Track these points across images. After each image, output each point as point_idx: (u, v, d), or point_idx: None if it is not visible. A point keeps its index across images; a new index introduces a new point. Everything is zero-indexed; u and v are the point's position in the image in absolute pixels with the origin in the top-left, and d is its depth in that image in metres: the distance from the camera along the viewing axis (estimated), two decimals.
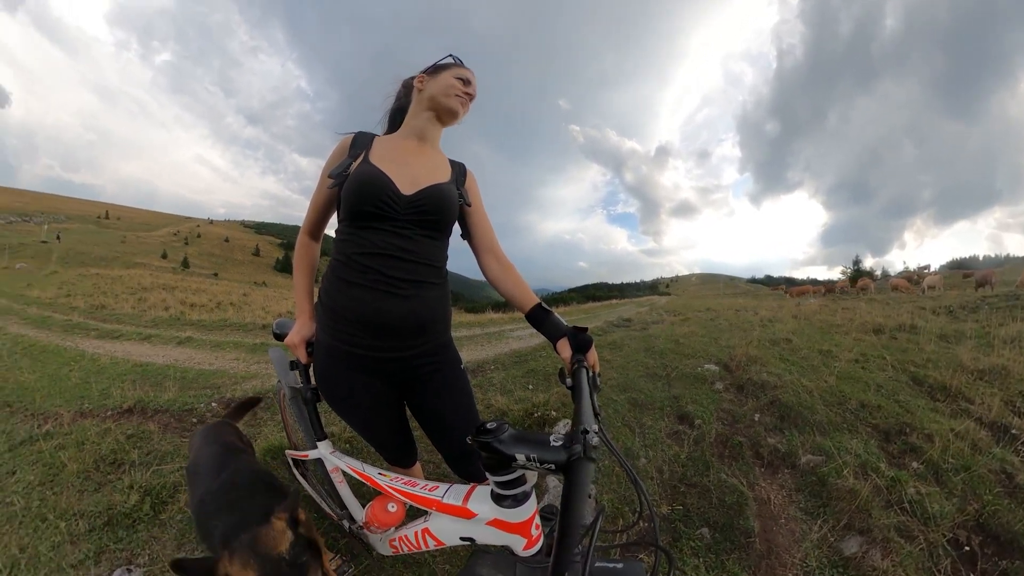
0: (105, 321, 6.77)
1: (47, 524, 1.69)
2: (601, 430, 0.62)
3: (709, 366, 3.84)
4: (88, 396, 3.18)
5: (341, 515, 1.31)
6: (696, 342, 5.08)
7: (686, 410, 2.79)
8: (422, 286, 0.99)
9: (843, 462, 2.05)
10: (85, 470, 2.05)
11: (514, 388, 3.24)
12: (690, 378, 3.53)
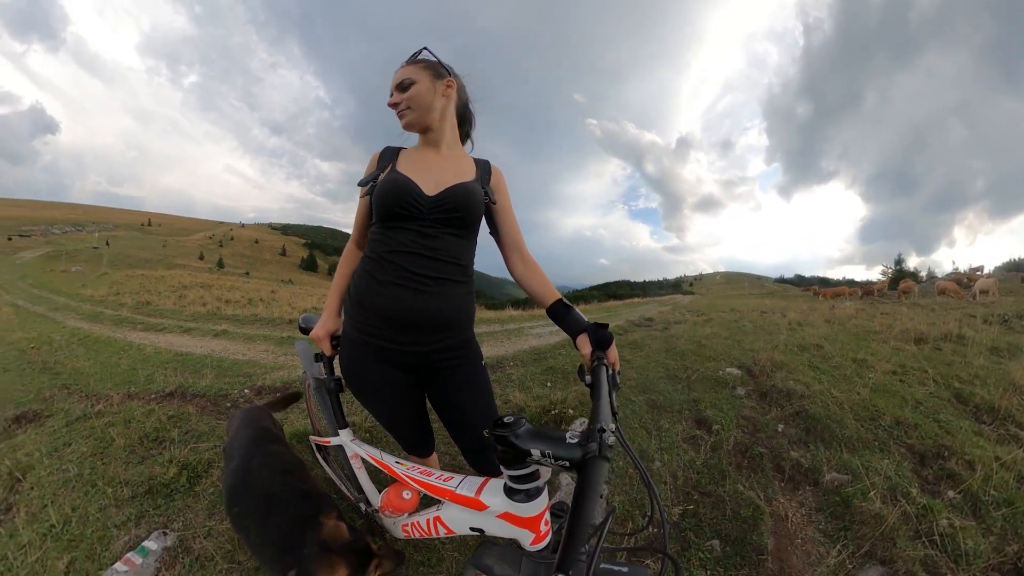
0: (150, 316, 7.27)
1: (96, 489, 1.87)
2: (618, 429, 0.61)
3: (731, 370, 3.67)
4: (135, 381, 3.42)
5: (358, 498, 1.37)
6: (718, 344, 4.88)
7: (705, 415, 2.69)
8: (447, 283, 1.01)
9: (871, 483, 1.90)
10: (131, 445, 2.23)
11: (532, 385, 3.23)
12: (711, 381, 3.39)
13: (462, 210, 1.01)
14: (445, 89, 1.11)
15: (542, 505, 0.76)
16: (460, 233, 1.03)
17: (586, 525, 0.46)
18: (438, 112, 1.10)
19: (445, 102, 1.11)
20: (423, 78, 1.07)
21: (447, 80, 1.11)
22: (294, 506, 0.98)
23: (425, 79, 1.07)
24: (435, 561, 1.48)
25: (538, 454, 0.62)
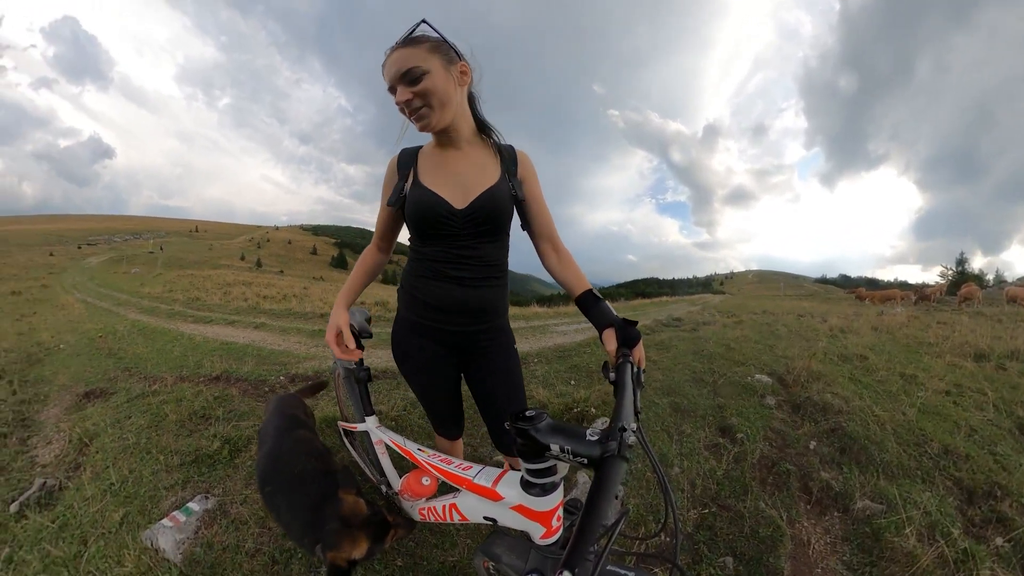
0: (199, 310, 7.87)
1: (150, 456, 2.07)
2: (640, 430, 0.60)
3: (761, 377, 3.44)
4: (186, 365, 3.72)
5: (380, 481, 1.43)
6: (748, 348, 4.62)
7: (730, 423, 2.55)
8: (486, 281, 1.07)
9: (907, 517, 1.71)
10: (181, 420, 2.45)
11: (556, 382, 3.21)
12: (738, 388, 3.20)
13: (491, 221, 1.01)
14: (460, 76, 0.95)
15: (556, 500, 0.76)
16: (493, 239, 1.05)
17: (597, 525, 0.46)
18: (457, 106, 0.96)
19: (461, 92, 0.97)
20: (435, 64, 0.89)
21: (460, 65, 0.94)
22: (318, 486, 1.05)
23: (437, 66, 0.89)
24: (448, 545, 1.53)
25: (557, 449, 0.61)
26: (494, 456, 2.11)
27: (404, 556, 1.48)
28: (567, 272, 1.06)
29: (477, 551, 0.88)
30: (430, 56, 0.89)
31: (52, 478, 1.95)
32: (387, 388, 2.96)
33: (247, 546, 1.50)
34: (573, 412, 2.61)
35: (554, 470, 0.73)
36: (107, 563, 1.44)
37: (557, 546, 0.78)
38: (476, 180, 1.01)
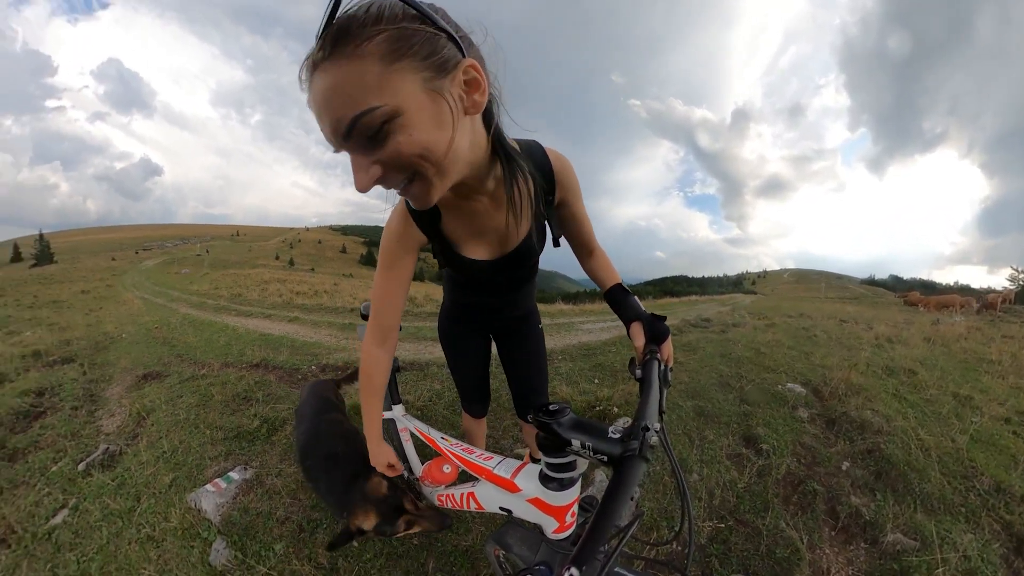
0: (240, 304, 8.50)
1: (198, 430, 2.28)
2: (663, 430, 0.58)
3: (794, 386, 3.15)
4: (230, 353, 4.01)
5: (402, 466, 1.52)
6: (781, 354, 4.31)
7: (756, 432, 2.39)
8: (519, 290, 1.15)
9: (942, 559, 1.54)
10: (225, 400, 2.66)
11: (579, 380, 3.17)
12: (767, 395, 2.98)
13: (523, 267, 0.99)
14: (465, 93, 0.53)
15: (572, 496, 0.76)
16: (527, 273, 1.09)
17: (611, 524, 0.44)
18: (468, 147, 0.58)
19: (472, 122, 0.58)
20: (408, 89, 0.47)
21: (464, 66, 0.51)
22: (351, 464, 1.16)
23: (413, 90, 0.47)
24: (463, 531, 1.59)
25: (578, 445, 0.60)
26: (515, 449, 2.15)
27: (420, 536, 1.55)
28: (599, 269, 1.02)
29: (489, 539, 0.89)
30: (390, 71, 0.45)
31: (114, 444, 2.19)
32: (414, 379, 3.07)
33: (278, 513, 1.63)
34: (595, 410, 2.60)
35: (573, 466, 0.72)
36: (156, 518, 1.62)
37: (568, 542, 0.78)
38: (512, 229, 0.86)
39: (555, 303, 10.43)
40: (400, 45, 0.46)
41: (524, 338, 1.30)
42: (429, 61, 0.48)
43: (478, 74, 0.52)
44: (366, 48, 0.44)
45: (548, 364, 1.42)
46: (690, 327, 6.36)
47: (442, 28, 0.49)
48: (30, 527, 1.66)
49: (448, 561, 1.46)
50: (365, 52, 0.44)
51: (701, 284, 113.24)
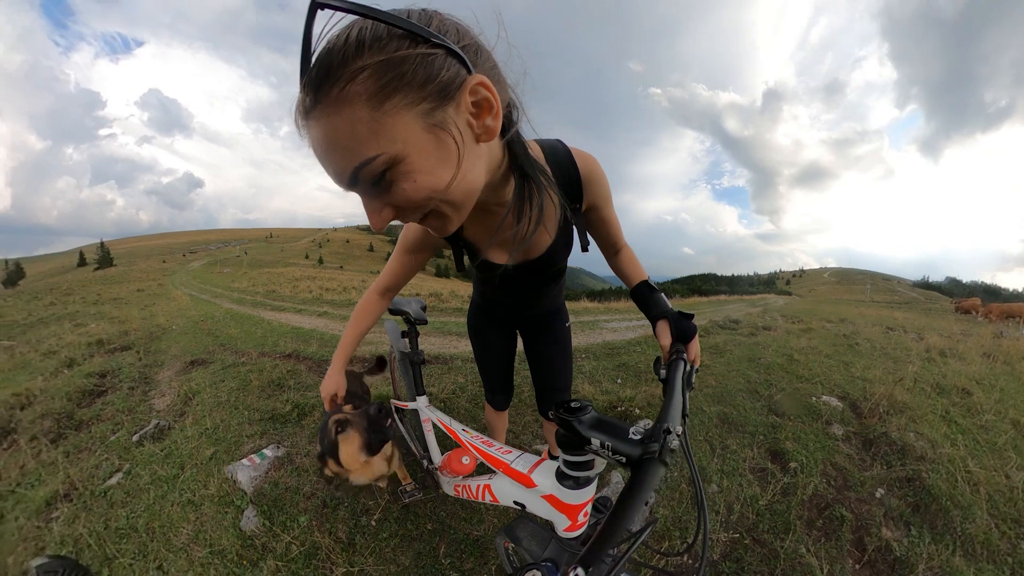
0: (275, 300, 9.04)
1: (237, 411, 2.46)
2: (685, 435, 0.56)
3: (829, 399, 2.91)
4: (265, 344, 4.27)
5: (423, 455, 1.50)
6: (816, 363, 3.99)
7: (783, 447, 2.24)
8: (546, 290, 1.15)
9: None
10: (262, 386, 2.85)
11: (602, 379, 3.13)
12: (799, 407, 2.78)
13: (545, 271, 0.97)
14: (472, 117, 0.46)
15: (587, 495, 0.75)
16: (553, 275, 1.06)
17: (623, 528, 0.43)
18: (483, 173, 0.54)
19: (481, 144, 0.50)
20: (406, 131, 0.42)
21: (472, 85, 0.44)
22: None
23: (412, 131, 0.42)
24: (476, 521, 1.62)
25: (597, 444, 0.58)
26: (534, 445, 2.17)
27: (434, 522, 1.60)
28: (626, 266, 0.98)
29: (500, 531, 0.89)
30: (383, 114, 0.41)
31: (164, 420, 2.41)
32: (439, 372, 3.15)
33: (305, 489, 1.74)
34: (617, 411, 2.57)
35: (591, 465, 0.70)
36: (197, 485, 1.78)
37: (578, 541, 0.77)
38: (536, 237, 0.85)
39: (580, 300, 10.31)
40: (389, 80, 0.39)
41: (550, 335, 1.30)
42: (427, 90, 0.41)
43: (489, 92, 0.44)
44: (351, 91, 0.39)
45: (572, 362, 1.40)
46: (718, 328, 6.13)
47: (439, 42, 0.41)
48: (90, 486, 1.87)
49: (459, 548, 1.50)
50: (351, 95, 0.39)
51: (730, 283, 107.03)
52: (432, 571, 1.41)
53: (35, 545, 1.59)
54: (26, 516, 1.74)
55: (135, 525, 1.61)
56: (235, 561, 1.42)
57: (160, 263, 43.40)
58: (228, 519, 1.58)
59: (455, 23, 0.45)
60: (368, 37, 0.39)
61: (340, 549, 1.46)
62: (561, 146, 0.78)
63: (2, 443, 2.37)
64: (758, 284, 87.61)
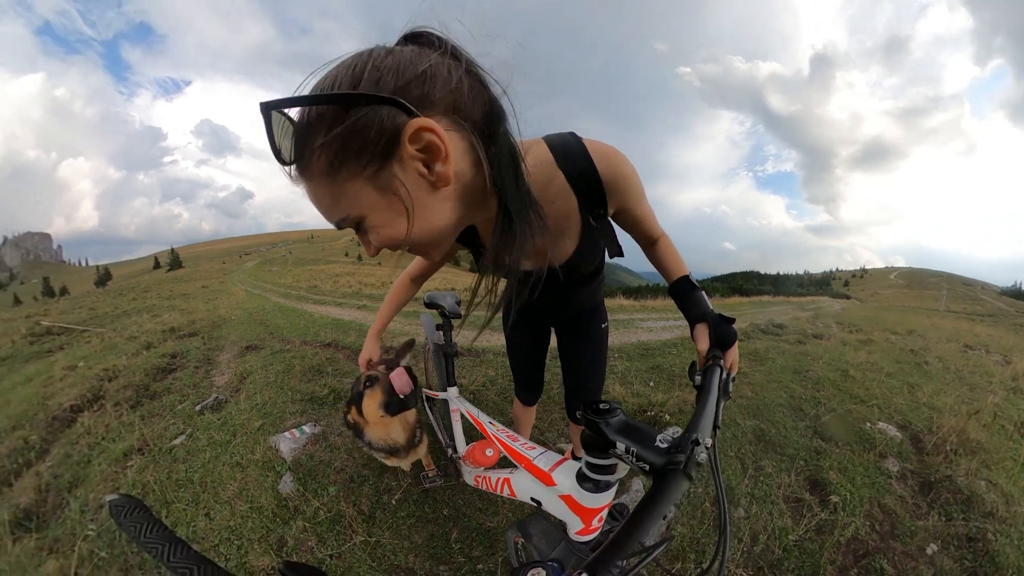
0: (317, 295, 9.75)
1: (283, 391, 2.70)
2: (715, 448, 0.52)
3: (886, 427, 2.54)
4: (308, 333, 4.60)
5: (448, 444, 1.54)
6: (875, 382, 3.43)
7: (825, 476, 2.00)
8: (582, 289, 1.09)
9: None
10: (304, 371, 3.09)
11: (634, 381, 3.05)
12: (849, 433, 2.47)
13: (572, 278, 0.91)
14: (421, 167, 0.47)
15: (605, 500, 0.73)
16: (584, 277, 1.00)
17: (635, 540, 0.41)
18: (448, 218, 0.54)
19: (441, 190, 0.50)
20: (358, 196, 0.48)
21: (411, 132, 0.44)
22: None
23: (363, 195, 0.48)
24: (491, 512, 1.66)
25: (622, 448, 0.56)
26: (557, 443, 2.19)
27: (450, 508, 1.66)
28: (664, 258, 0.89)
29: (513, 525, 0.91)
30: (336, 185, 0.47)
31: (221, 395, 2.70)
32: (470, 365, 3.23)
33: (336, 464, 1.89)
34: (646, 415, 2.49)
35: (613, 469, 0.68)
36: (245, 450, 2.01)
37: (588, 546, 0.75)
38: (555, 245, 0.81)
39: (615, 297, 9.95)
40: (334, 155, 0.44)
41: (585, 335, 1.27)
42: (366, 156, 0.44)
43: (434, 136, 0.44)
44: (312, 169, 0.46)
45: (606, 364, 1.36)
46: (759, 333, 5.63)
47: (372, 98, 0.42)
48: (159, 444, 2.18)
49: (470, 536, 1.56)
50: (313, 172, 0.46)
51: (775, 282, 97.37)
52: (441, 553, 1.49)
53: (111, 485, 1.92)
54: (108, 463, 2.08)
55: (191, 478, 1.86)
56: (270, 517, 1.59)
57: (220, 264, 48.78)
58: (268, 482, 1.77)
59: (394, 64, 0.44)
60: (314, 119, 0.44)
61: (361, 520, 1.59)
62: (575, 143, 0.69)
63: (93, 407, 2.81)
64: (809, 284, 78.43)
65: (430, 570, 1.45)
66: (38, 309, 10.46)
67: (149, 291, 14.49)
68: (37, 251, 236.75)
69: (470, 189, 0.53)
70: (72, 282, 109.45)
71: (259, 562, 1.44)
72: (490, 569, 1.45)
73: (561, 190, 0.71)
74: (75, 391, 3.02)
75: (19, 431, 2.60)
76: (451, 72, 0.47)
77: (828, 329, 6.50)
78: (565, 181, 0.70)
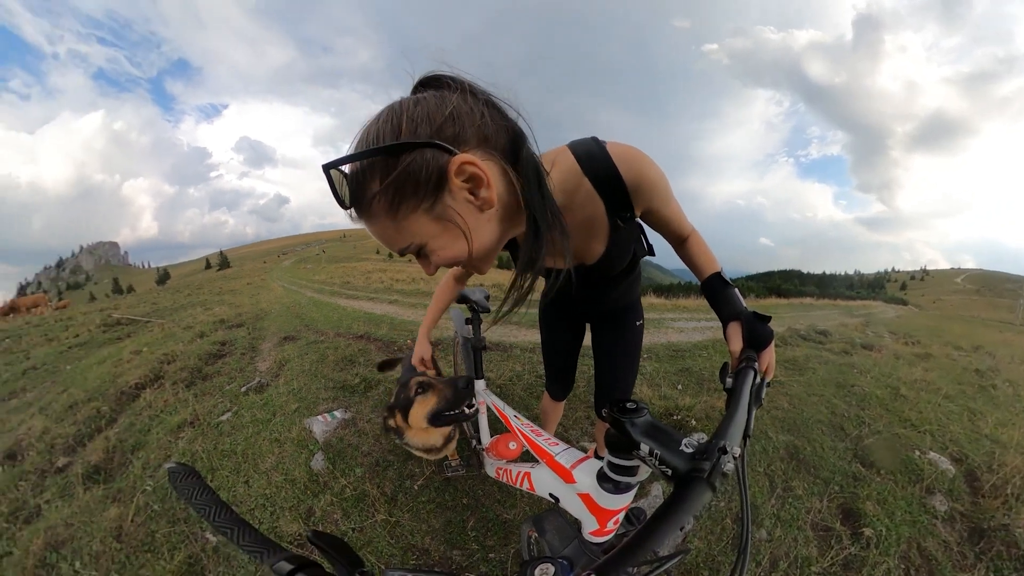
0: (349, 290, 10.16)
1: (317, 379, 2.87)
2: (743, 459, 0.50)
3: (938, 458, 2.23)
4: (341, 326, 4.84)
5: (472, 435, 1.61)
6: (930, 404, 3.02)
7: (860, 507, 1.82)
8: (616, 287, 1.10)
9: None
10: (336, 360, 3.27)
11: (662, 383, 3.00)
12: (894, 460, 2.20)
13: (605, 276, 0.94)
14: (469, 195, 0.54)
15: (623, 503, 0.71)
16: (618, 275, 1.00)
17: (649, 548, 0.38)
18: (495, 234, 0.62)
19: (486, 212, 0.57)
20: (419, 225, 0.55)
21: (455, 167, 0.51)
22: None
23: (423, 224, 0.55)
24: (508, 505, 1.69)
25: (646, 450, 0.54)
26: (580, 441, 2.19)
27: (470, 498, 1.71)
28: (695, 255, 0.87)
29: (528, 519, 0.90)
30: (399, 221, 0.54)
31: (263, 379, 2.93)
32: (498, 359, 3.28)
33: (363, 448, 2.00)
34: (672, 419, 2.43)
35: (635, 471, 0.65)
36: (282, 429, 2.18)
37: (600, 548, 0.74)
38: (586, 247, 0.84)
39: (646, 295, 9.49)
40: (394, 198, 0.52)
41: (618, 332, 1.27)
42: (420, 193, 0.51)
43: (475, 168, 0.52)
44: (374, 210, 0.54)
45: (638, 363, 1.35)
46: (798, 339, 5.22)
47: (416, 144, 0.49)
48: (208, 418, 2.41)
49: (486, 525, 1.60)
50: (374, 213, 0.54)
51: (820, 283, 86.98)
52: (457, 538, 1.54)
53: (166, 451, 2.18)
54: (164, 432, 2.35)
55: (235, 450, 2.05)
56: (302, 490, 1.73)
57: (262, 263, 52.89)
58: (302, 458, 1.90)
59: (424, 112, 0.51)
60: (367, 170, 0.52)
61: (384, 500, 1.67)
62: (597, 148, 0.71)
63: (154, 385, 3.13)
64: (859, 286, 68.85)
65: (444, 553, 1.50)
66: (109, 304, 11.96)
67: (202, 288, 15.75)
68: (107, 257, 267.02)
69: (508, 208, 0.60)
70: (137, 282, 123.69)
71: (288, 528, 1.57)
72: (501, 559, 1.47)
73: (588, 196, 0.73)
74: (139, 371, 3.37)
75: (93, 402, 2.95)
76: (473, 108, 0.54)
77: (880, 339, 5.93)
78: (591, 187, 0.72)
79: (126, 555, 1.57)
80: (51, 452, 2.41)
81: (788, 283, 64.36)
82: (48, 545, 1.68)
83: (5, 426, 2.97)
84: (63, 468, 2.23)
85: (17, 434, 2.69)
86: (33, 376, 4.30)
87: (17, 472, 2.25)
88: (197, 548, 1.54)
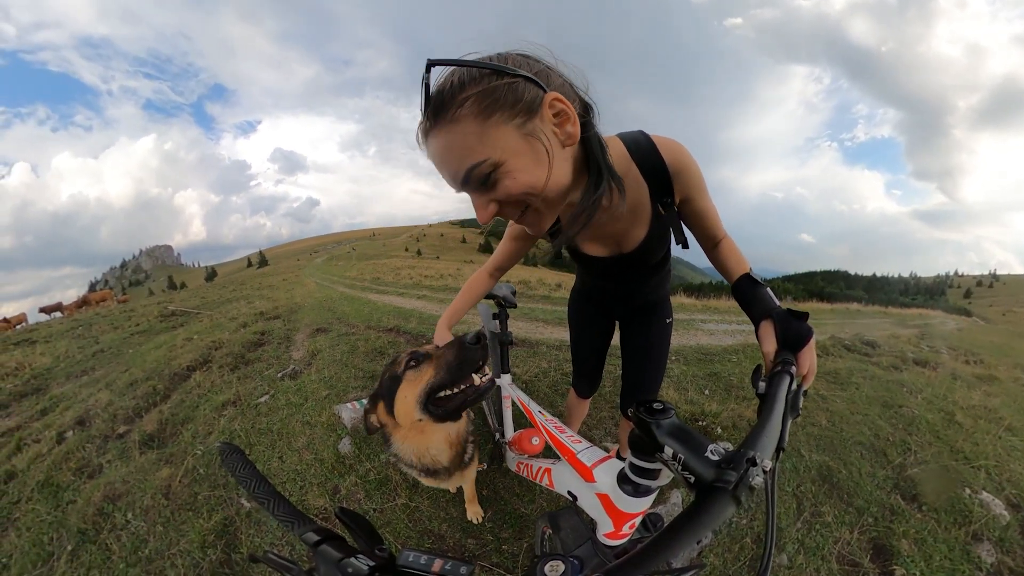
0: (379, 286, 10.62)
1: (347, 368, 3.01)
2: (774, 473, 0.45)
3: (990, 499, 1.94)
4: (372, 319, 5.03)
5: (496, 429, 1.61)
6: (989, 436, 2.64)
7: (895, 544, 1.64)
8: (646, 282, 1.12)
9: None
10: (367, 352, 3.42)
11: (689, 387, 2.90)
12: (940, 496, 1.95)
13: (642, 264, 0.96)
14: (557, 127, 0.58)
15: (641, 507, 0.69)
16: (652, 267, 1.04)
17: (663, 558, 0.36)
18: (570, 174, 0.63)
19: (566, 148, 0.60)
20: (503, 140, 0.55)
21: (548, 100, 0.56)
22: None
23: (509, 139, 0.55)
24: (527, 499, 1.71)
25: (670, 454, 0.51)
26: (603, 441, 2.18)
27: (489, 490, 1.73)
28: (726, 258, 0.87)
29: (544, 515, 0.90)
30: (487, 128, 0.53)
31: (297, 367, 3.12)
32: (524, 355, 3.32)
33: None
34: (698, 424, 2.35)
35: (656, 475, 0.63)
36: (314, 413, 2.33)
37: (613, 551, 0.73)
38: (628, 231, 0.87)
39: (676, 294, 9.02)
40: (488, 103, 0.53)
41: (646, 328, 1.27)
42: (516, 108, 0.54)
43: (564, 105, 0.56)
44: (460, 113, 0.53)
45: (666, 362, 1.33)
46: (842, 349, 4.73)
47: (516, 73, 0.53)
48: (248, 399, 2.61)
49: (502, 518, 1.62)
50: (461, 116, 0.53)
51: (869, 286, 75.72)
52: (472, 528, 1.57)
53: (211, 426, 2.39)
54: (210, 409, 2.59)
55: (271, 429, 2.22)
56: (329, 469, 1.84)
57: (296, 261, 56.58)
58: (331, 441, 2.02)
59: (524, 57, 0.57)
60: (467, 78, 0.54)
61: (405, 486, 1.73)
62: (644, 138, 0.77)
63: (203, 368, 3.42)
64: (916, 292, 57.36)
65: (459, 540, 1.54)
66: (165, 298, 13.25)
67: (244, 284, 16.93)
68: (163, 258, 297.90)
69: (577, 160, 0.64)
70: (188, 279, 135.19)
71: (316, 502, 1.69)
72: (514, 552, 1.49)
73: (635, 180, 0.78)
74: (190, 356, 3.68)
75: (150, 381, 3.26)
76: (553, 71, 0.60)
77: (936, 355, 5.25)
78: (638, 172, 0.78)
79: (171, 511, 1.76)
80: (114, 421, 2.70)
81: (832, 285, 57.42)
82: (106, 497, 1.91)
83: (78, 397, 3.34)
84: (123, 435, 2.51)
85: (87, 404, 3.03)
86: (101, 358, 4.77)
87: (85, 436, 2.56)
88: (232, 511, 1.70)
